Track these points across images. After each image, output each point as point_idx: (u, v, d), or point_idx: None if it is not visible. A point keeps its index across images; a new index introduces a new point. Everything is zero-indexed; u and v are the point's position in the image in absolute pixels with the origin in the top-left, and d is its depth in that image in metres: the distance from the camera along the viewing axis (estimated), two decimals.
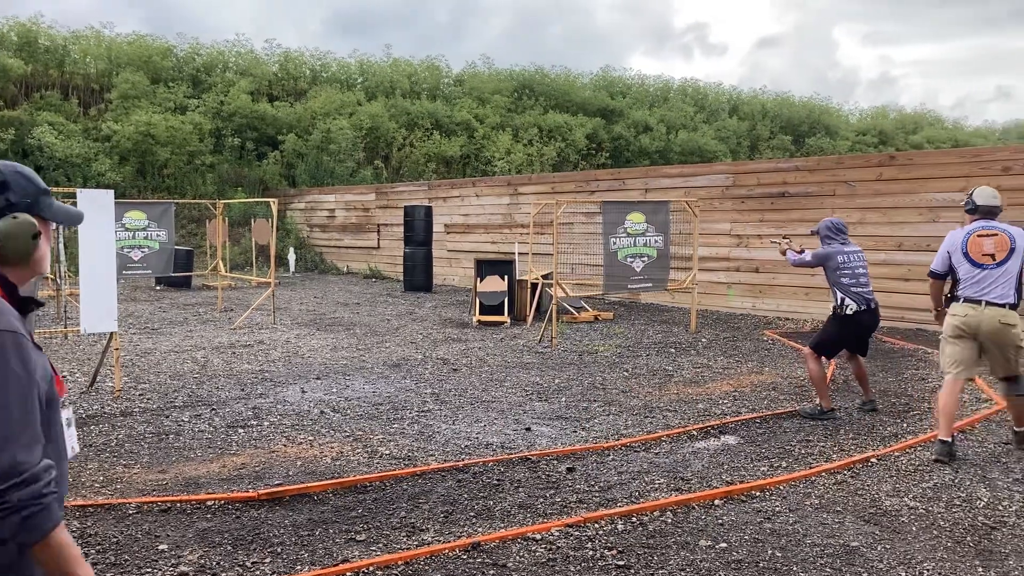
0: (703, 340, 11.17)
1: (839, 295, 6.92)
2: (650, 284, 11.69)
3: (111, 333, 7.76)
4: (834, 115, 44.52)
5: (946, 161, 11.79)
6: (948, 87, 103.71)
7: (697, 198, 13.67)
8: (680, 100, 39.56)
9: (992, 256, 5.79)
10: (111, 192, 7.70)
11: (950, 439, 5.75)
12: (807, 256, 7.30)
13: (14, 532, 1.67)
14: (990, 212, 5.93)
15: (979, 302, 5.76)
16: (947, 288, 6.15)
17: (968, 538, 4.42)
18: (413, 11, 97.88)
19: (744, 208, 13.90)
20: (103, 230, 7.50)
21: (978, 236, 5.85)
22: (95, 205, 7.45)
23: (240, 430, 6.65)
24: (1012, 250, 5.75)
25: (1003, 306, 5.72)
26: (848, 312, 6.86)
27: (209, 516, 4.72)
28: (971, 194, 6.03)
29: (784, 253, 7.60)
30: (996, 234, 5.82)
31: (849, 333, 6.99)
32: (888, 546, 4.32)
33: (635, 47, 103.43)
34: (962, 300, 5.86)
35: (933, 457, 5.75)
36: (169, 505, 4.85)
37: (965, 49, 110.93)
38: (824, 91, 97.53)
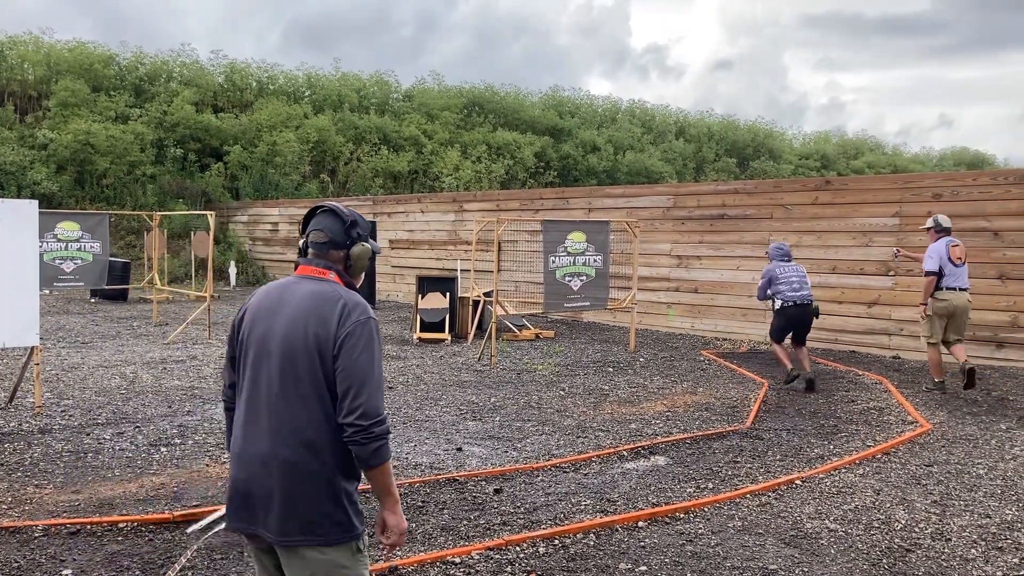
0: (641, 359, 11.23)
1: (778, 301, 9.32)
2: (588, 303, 11.73)
3: (32, 347, 7.52)
4: (778, 139, 45.39)
5: (879, 187, 12.05)
6: (894, 114, 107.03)
7: (639, 218, 13.79)
8: (628, 121, 39.98)
9: (960, 259, 8.92)
10: (35, 203, 7.48)
11: (942, 379, 9.00)
12: (760, 282, 9.62)
13: (367, 457, 2.47)
14: (950, 231, 9.06)
15: (955, 289, 8.82)
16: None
17: (884, 560, 4.47)
18: (376, 26, 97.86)
19: (684, 229, 14.05)
20: (25, 240, 7.28)
21: (952, 247, 8.90)
22: (17, 215, 7.24)
23: (163, 448, 6.48)
24: (965, 253, 9.04)
25: (967, 290, 8.93)
26: (779, 307, 9.31)
27: (120, 539, 4.57)
28: (937, 219, 9.05)
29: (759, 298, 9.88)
30: (958, 245, 9.00)
31: (785, 322, 9.33)
32: (806, 569, 4.34)
33: (593, 68, 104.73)
34: (945, 289, 8.80)
35: (928, 388, 9.07)
36: (78, 527, 4.68)
37: (912, 78, 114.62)
38: (777, 115, 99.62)
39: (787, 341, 9.49)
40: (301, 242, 2.75)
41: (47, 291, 17.27)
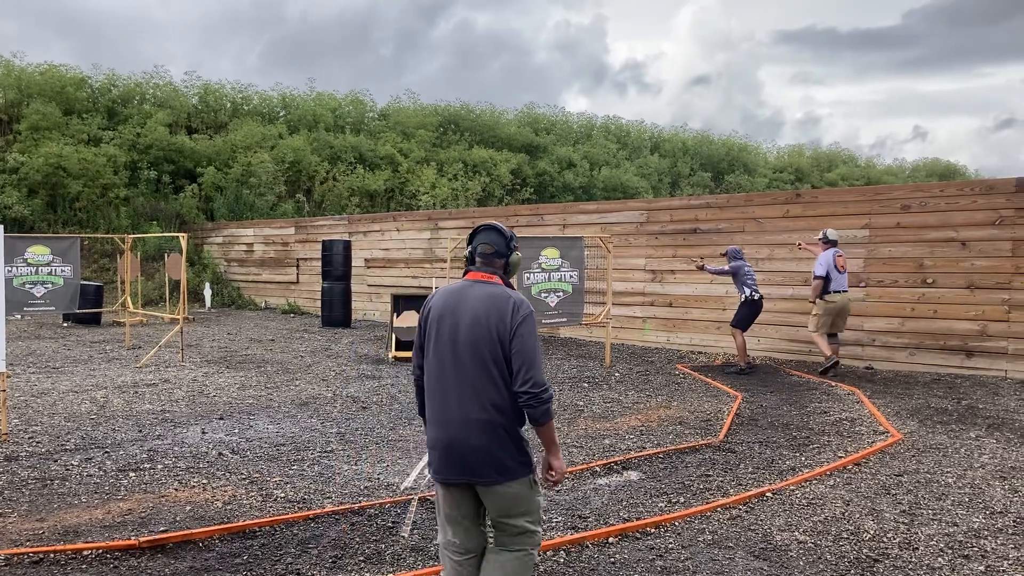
0: (616, 374, 11.25)
1: (747, 290, 11.18)
2: (565, 319, 11.74)
3: None
4: (753, 153, 45.75)
5: (849, 199, 12.17)
6: (869, 127, 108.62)
7: (612, 234, 13.85)
8: (603, 137, 40.17)
9: (844, 267, 10.72)
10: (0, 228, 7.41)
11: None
12: (725, 267, 11.40)
13: (537, 417, 3.32)
14: (836, 243, 10.80)
15: (840, 291, 10.65)
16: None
17: (852, 571, 4.48)
18: (355, 46, 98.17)
19: (658, 244, 14.12)
20: None
21: (838, 256, 10.65)
22: None
23: (131, 474, 6.41)
24: (847, 263, 10.97)
25: (848, 291, 10.85)
26: (755, 298, 11.19)
27: (84, 567, 4.51)
28: (825, 233, 10.80)
29: (702, 268, 11.70)
30: (843, 255, 10.79)
31: (751, 311, 11.24)
32: None
33: (572, 86, 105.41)
34: (833, 292, 10.60)
35: (820, 371, 10.86)
36: (41, 556, 4.61)
37: (885, 91, 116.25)
38: (753, 130, 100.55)
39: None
40: (467, 252, 3.59)
41: (18, 316, 17.09)
